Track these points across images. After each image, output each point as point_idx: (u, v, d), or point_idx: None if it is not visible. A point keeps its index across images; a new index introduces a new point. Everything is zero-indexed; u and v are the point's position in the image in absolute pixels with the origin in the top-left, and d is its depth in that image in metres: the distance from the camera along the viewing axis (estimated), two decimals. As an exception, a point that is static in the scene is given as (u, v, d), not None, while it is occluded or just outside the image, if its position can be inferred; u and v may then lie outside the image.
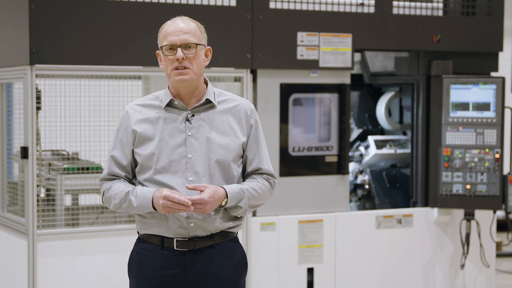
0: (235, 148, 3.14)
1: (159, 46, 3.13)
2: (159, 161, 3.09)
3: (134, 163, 3.17)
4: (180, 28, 3.08)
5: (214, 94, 3.18)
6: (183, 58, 3.06)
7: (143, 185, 3.13)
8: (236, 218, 3.19)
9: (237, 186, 3.12)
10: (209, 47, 3.19)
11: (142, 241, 3.18)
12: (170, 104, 3.14)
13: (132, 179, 3.21)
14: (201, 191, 3.01)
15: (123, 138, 3.16)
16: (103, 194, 3.20)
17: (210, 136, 3.11)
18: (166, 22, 3.15)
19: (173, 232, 3.09)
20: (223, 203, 3.06)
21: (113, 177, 3.18)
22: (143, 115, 3.14)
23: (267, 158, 3.24)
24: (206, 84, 3.21)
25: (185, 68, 3.07)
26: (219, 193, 3.04)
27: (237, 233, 3.24)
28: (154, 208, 3.04)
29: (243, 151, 3.19)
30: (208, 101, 3.15)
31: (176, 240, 3.09)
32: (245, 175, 3.23)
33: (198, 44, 3.10)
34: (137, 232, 3.22)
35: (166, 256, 3.11)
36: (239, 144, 3.15)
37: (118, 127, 3.19)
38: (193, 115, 3.13)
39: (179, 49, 3.06)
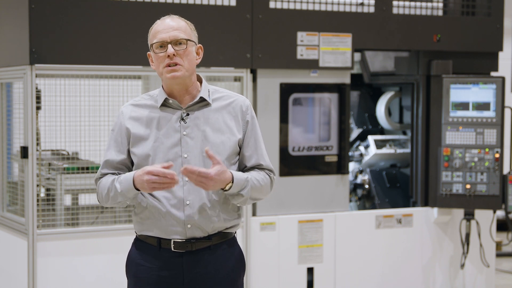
0: (231, 146, 3.13)
1: (149, 45, 3.12)
2: (155, 161, 3.07)
3: (131, 162, 3.16)
4: (169, 26, 3.08)
5: (209, 91, 3.17)
6: (174, 54, 3.04)
7: None
8: (234, 218, 3.17)
9: (242, 174, 3.10)
10: (200, 45, 3.18)
11: (140, 241, 3.16)
12: (165, 104, 3.13)
13: None
14: (213, 163, 2.97)
15: (118, 138, 3.15)
16: (97, 193, 3.19)
17: (205, 135, 3.10)
18: (155, 22, 3.14)
19: (170, 233, 3.08)
20: (227, 187, 3.04)
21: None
22: (138, 115, 3.14)
23: (265, 154, 3.23)
24: (200, 82, 3.19)
25: (176, 64, 3.06)
26: (226, 176, 3.00)
27: (235, 233, 3.23)
28: (137, 188, 2.99)
29: (240, 148, 3.18)
30: (202, 99, 3.14)
31: (174, 241, 3.08)
32: (244, 171, 3.20)
33: (188, 40, 3.09)
34: (135, 232, 3.21)
35: (163, 257, 3.09)
36: (235, 141, 3.14)
37: (113, 127, 3.19)
38: (187, 114, 3.12)
39: (169, 46, 3.05)
